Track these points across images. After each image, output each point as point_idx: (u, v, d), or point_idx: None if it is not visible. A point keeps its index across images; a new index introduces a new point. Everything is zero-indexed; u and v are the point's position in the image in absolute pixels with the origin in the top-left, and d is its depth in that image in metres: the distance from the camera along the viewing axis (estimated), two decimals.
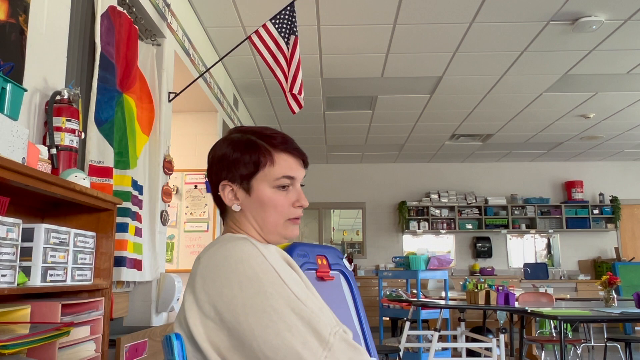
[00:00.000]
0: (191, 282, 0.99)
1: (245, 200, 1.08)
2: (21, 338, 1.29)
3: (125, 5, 2.80)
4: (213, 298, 0.92)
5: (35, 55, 1.90)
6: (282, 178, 1.08)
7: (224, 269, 0.94)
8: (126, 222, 2.54)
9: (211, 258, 0.98)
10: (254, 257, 0.94)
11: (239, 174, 1.07)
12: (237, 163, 1.07)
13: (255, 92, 5.80)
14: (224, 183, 1.09)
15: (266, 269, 0.93)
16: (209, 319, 0.92)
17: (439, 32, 4.31)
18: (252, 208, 1.08)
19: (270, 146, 1.08)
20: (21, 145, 1.52)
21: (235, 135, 1.12)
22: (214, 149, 1.13)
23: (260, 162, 1.07)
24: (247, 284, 0.91)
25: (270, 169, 1.07)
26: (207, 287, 0.94)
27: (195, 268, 1.00)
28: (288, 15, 3.20)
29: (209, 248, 1.03)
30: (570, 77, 5.30)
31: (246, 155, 1.07)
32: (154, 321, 3.02)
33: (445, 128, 7.26)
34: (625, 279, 7.78)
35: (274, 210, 1.08)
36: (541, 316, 3.71)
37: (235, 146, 1.09)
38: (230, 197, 1.09)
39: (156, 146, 3.04)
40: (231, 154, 1.08)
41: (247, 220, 1.09)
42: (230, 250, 0.96)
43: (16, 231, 1.41)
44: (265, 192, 1.07)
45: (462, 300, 5.11)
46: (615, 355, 5.85)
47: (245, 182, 1.08)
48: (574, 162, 9.35)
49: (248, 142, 1.09)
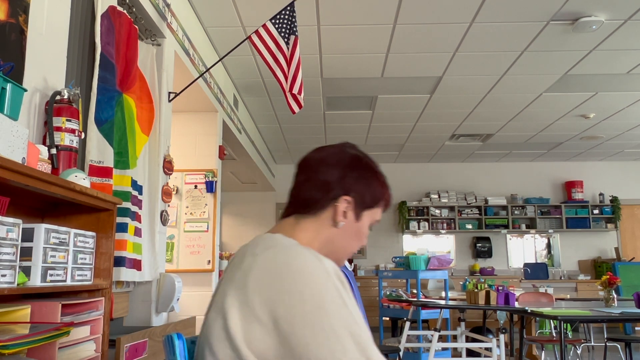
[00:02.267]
0: (241, 279, 0.93)
1: (349, 223, 1.11)
2: (21, 338, 1.29)
3: (125, 5, 2.80)
4: (270, 303, 0.88)
5: (35, 55, 1.90)
6: (377, 221, 1.18)
7: (287, 276, 0.90)
8: (126, 222, 2.54)
9: (272, 261, 0.93)
10: (318, 271, 0.91)
11: (362, 199, 1.11)
12: (367, 190, 1.12)
13: (255, 92, 5.80)
14: (347, 198, 1.10)
15: (329, 286, 0.90)
16: (257, 322, 0.88)
17: (439, 32, 4.31)
18: (347, 233, 1.12)
19: (388, 189, 1.17)
20: (21, 145, 1.52)
21: (364, 157, 1.15)
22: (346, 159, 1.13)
23: (380, 201, 1.15)
24: (309, 296, 0.88)
25: (377, 210, 1.16)
26: (264, 291, 0.90)
27: (248, 265, 0.95)
28: (288, 15, 3.20)
29: (267, 248, 0.98)
30: (570, 77, 5.30)
31: (376, 189, 1.13)
32: (154, 321, 3.02)
33: (445, 128, 7.26)
34: (625, 279, 7.79)
35: (358, 244, 1.14)
36: (541, 316, 3.71)
37: (372, 175, 1.14)
38: (342, 213, 1.10)
39: (156, 146, 3.04)
40: (367, 179, 1.13)
41: (327, 237, 1.11)
42: (294, 258, 0.93)
43: (16, 231, 1.41)
44: (365, 226, 1.14)
45: (462, 300, 5.11)
46: (615, 355, 5.85)
47: (360, 209, 1.12)
48: (574, 162, 9.35)
49: (381, 178, 1.15)
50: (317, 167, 1.12)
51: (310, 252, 0.95)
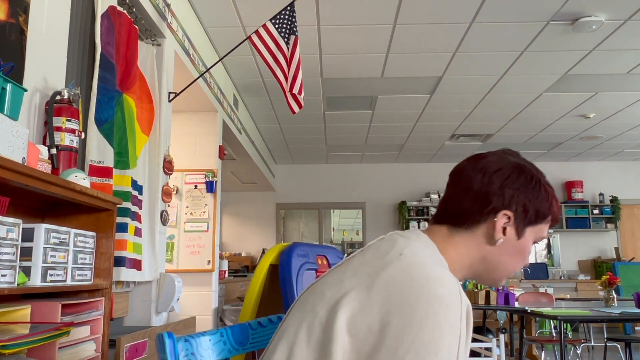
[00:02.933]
0: (375, 268, 0.88)
1: (509, 240, 1.00)
2: (21, 338, 1.29)
3: (125, 5, 2.80)
4: (390, 307, 0.82)
5: (35, 55, 1.90)
6: (543, 238, 1.05)
7: (421, 295, 0.82)
8: (126, 222, 2.54)
9: (414, 271, 0.86)
10: (454, 307, 0.83)
11: (525, 214, 0.99)
12: (531, 205, 1.00)
13: (255, 92, 5.80)
14: (507, 213, 0.98)
15: (455, 327, 0.82)
16: (369, 316, 0.83)
17: (439, 32, 4.31)
18: (508, 250, 1.00)
19: (556, 203, 1.04)
20: (21, 145, 1.52)
21: (530, 168, 1.03)
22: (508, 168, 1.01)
23: (546, 216, 1.02)
24: (430, 327, 0.80)
25: (545, 226, 1.03)
26: (393, 292, 0.83)
27: (391, 259, 0.89)
28: (288, 16, 3.20)
29: (415, 254, 0.91)
30: (570, 77, 5.30)
31: (542, 204, 1.01)
32: (154, 321, 3.02)
33: (445, 128, 7.26)
34: (625, 279, 7.78)
35: (522, 262, 1.03)
36: (541, 316, 3.71)
37: (537, 188, 1.01)
38: (500, 229, 0.98)
39: (156, 146, 3.04)
40: (530, 192, 1.00)
41: (483, 254, 1.01)
42: (436, 279, 0.85)
43: (16, 231, 1.41)
44: (529, 243, 1.02)
45: None
46: (615, 355, 5.85)
47: (523, 225, 1.00)
48: (574, 162, 9.35)
49: (546, 191, 1.02)
50: (474, 176, 1.01)
51: (455, 281, 0.87)
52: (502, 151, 1.06)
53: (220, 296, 5.09)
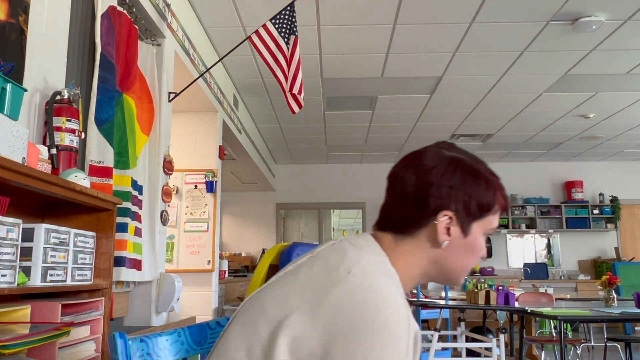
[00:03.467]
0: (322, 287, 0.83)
1: (456, 239, 0.94)
2: (21, 338, 1.29)
3: (125, 5, 2.80)
4: (333, 334, 0.78)
5: (35, 55, 1.90)
6: (493, 229, 0.99)
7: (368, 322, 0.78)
8: (126, 222, 2.54)
9: (363, 295, 0.80)
10: (400, 338, 0.78)
11: (467, 211, 0.94)
12: (472, 200, 0.94)
13: (255, 92, 5.80)
14: (447, 214, 0.93)
15: (399, 354, 0.78)
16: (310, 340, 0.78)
17: (439, 32, 4.31)
18: (457, 250, 0.95)
19: (501, 191, 0.99)
20: (21, 145, 1.52)
21: (465, 159, 0.98)
22: (440, 165, 0.96)
23: (491, 207, 0.96)
24: (374, 355, 0.76)
25: (493, 217, 0.98)
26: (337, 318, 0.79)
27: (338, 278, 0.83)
28: (288, 16, 3.20)
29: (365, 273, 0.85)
30: (570, 77, 5.30)
31: (483, 196, 0.95)
32: (154, 321, 3.02)
33: (445, 128, 7.26)
34: (625, 279, 7.78)
35: (475, 258, 0.97)
36: (541, 316, 3.71)
37: (474, 180, 0.95)
38: (444, 230, 0.93)
39: (156, 146, 3.04)
40: (469, 186, 0.94)
41: (433, 258, 0.95)
42: (386, 306, 0.79)
43: (16, 231, 1.41)
44: (478, 238, 0.96)
45: (462, 300, 5.11)
46: (615, 355, 5.85)
47: (467, 222, 0.94)
48: (574, 162, 9.35)
49: (487, 180, 0.97)
50: (408, 179, 0.96)
51: (405, 307, 0.82)
52: (436, 145, 1.01)
53: (220, 296, 5.10)
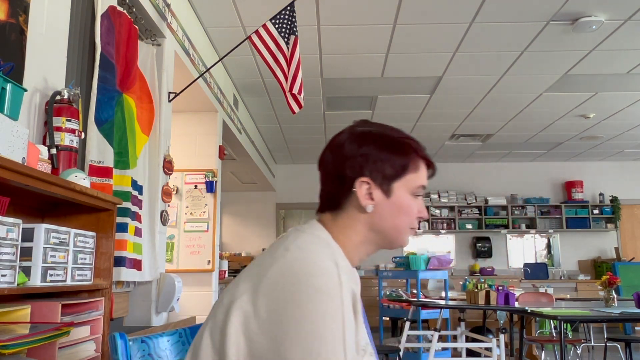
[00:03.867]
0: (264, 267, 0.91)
1: (381, 202, 1.01)
2: (21, 338, 1.29)
3: (125, 5, 2.80)
4: (274, 306, 0.86)
5: (35, 55, 1.90)
6: (420, 187, 1.04)
7: (300, 289, 0.86)
8: (126, 222, 2.54)
9: (294, 266, 0.89)
10: (332, 296, 0.86)
11: (382, 174, 1.01)
12: (384, 163, 1.01)
13: (255, 92, 5.80)
14: (363, 180, 1.00)
15: (335, 316, 0.86)
16: (257, 316, 0.86)
17: (439, 32, 4.31)
18: (385, 212, 1.01)
19: (415, 151, 1.04)
20: (21, 145, 1.52)
21: (374, 130, 1.04)
22: (351, 141, 1.03)
23: (408, 166, 1.02)
24: (311, 317, 0.84)
25: (414, 175, 1.03)
26: (275, 292, 0.87)
27: (277, 256, 0.92)
28: (288, 15, 3.20)
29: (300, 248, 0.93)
30: (570, 77, 5.30)
31: (395, 157, 1.02)
32: (154, 321, 3.02)
33: (445, 128, 7.26)
34: (625, 279, 7.78)
35: (406, 217, 1.03)
36: (541, 316, 3.71)
37: (383, 145, 1.02)
38: (365, 195, 1.00)
39: (156, 146, 3.04)
40: (378, 152, 1.01)
41: (368, 224, 1.02)
42: (315, 273, 0.88)
43: (16, 231, 1.41)
44: (404, 198, 1.02)
45: (462, 300, 5.11)
46: (615, 355, 5.85)
47: (387, 184, 1.01)
48: (574, 162, 9.35)
49: (397, 142, 1.03)
50: (329, 159, 1.05)
51: (335, 271, 0.90)
52: (350, 126, 1.07)
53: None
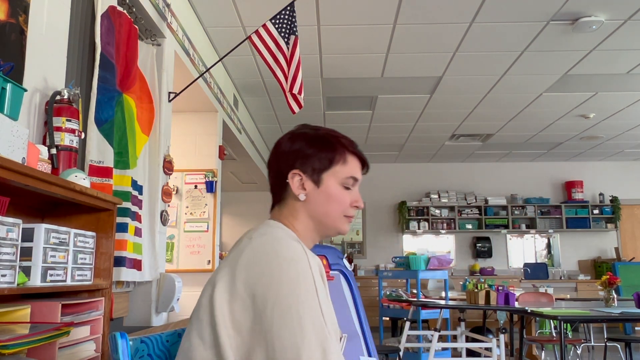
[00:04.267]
0: (235, 258, 1.02)
1: (312, 191, 1.14)
2: (21, 338, 1.29)
3: (125, 5, 2.80)
4: (252, 282, 0.96)
5: (35, 55, 1.90)
6: (349, 178, 1.17)
7: (272, 261, 0.98)
8: (126, 222, 2.54)
9: (263, 246, 1.02)
10: (301, 262, 0.99)
11: (311, 167, 1.14)
12: (312, 157, 1.15)
13: (255, 92, 5.80)
14: (295, 172, 1.14)
15: (307, 277, 0.98)
16: (239, 297, 0.96)
17: (439, 32, 4.31)
18: (317, 200, 1.15)
19: (343, 147, 1.17)
20: (21, 145, 1.52)
21: (307, 131, 1.19)
22: (287, 141, 1.18)
23: (335, 159, 1.16)
24: (286, 282, 0.95)
25: (342, 167, 1.16)
26: (250, 270, 0.98)
27: (243, 246, 1.03)
28: (288, 15, 3.20)
29: (262, 234, 1.06)
30: (570, 77, 5.30)
31: (323, 152, 1.15)
32: (154, 321, 3.02)
33: (445, 128, 7.26)
34: (625, 279, 7.77)
35: (337, 205, 1.16)
36: (541, 316, 3.71)
37: (312, 142, 1.16)
38: (298, 185, 1.14)
39: (156, 146, 3.04)
40: (307, 148, 1.15)
41: (305, 212, 1.15)
42: (282, 247, 1.01)
43: (16, 231, 1.41)
44: (333, 187, 1.15)
45: (462, 300, 5.11)
46: (615, 355, 5.85)
47: (317, 175, 1.14)
48: (574, 162, 9.35)
49: (325, 139, 1.17)
50: (270, 161, 1.20)
51: (299, 244, 1.03)
52: (290, 131, 1.21)
53: None
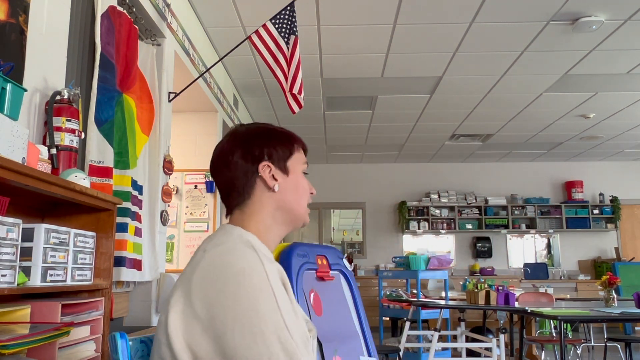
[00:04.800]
0: (188, 276, 0.96)
1: (283, 181, 1.13)
2: (21, 338, 1.29)
3: (125, 5, 2.80)
4: (208, 302, 0.91)
5: (35, 55, 1.90)
6: (305, 164, 1.19)
7: (226, 277, 0.92)
8: (126, 222, 2.54)
9: (216, 261, 0.96)
10: (256, 273, 0.93)
11: (277, 155, 1.14)
12: (275, 146, 1.14)
13: (255, 92, 5.80)
14: (265, 163, 1.12)
15: (264, 288, 0.92)
16: (196, 319, 0.91)
17: (439, 32, 4.31)
18: (287, 189, 1.13)
19: (290, 136, 1.19)
20: (21, 145, 1.52)
21: (249, 127, 1.18)
22: (238, 141, 1.15)
23: (293, 147, 1.17)
24: (243, 298, 0.90)
25: (298, 154, 1.18)
26: (205, 290, 0.92)
27: (197, 262, 0.98)
28: (288, 15, 3.20)
29: (216, 245, 1.01)
30: (570, 77, 5.30)
31: (282, 140, 1.16)
32: (154, 321, 3.02)
33: (445, 128, 7.26)
34: (625, 279, 7.77)
35: (304, 193, 1.16)
36: (541, 316, 3.71)
37: (267, 134, 1.16)
38: (270, 177, 1.12)
39: (156, 146, 3.04)
40: (267, 139, 1.15)
41: (274, 204, 1.12)
42: (237, 259, 0.95)
43: (16, 231, 1.41)
44: (298, 175, 1.16)
45: (462, 300, 5.11)
46: (615, 355, 5.85)
47: (282, 164, 1.14)
48: (574, 162, 9.35)
49: (274, 131, 1.17)
50: (224, 164, 1.13)
51: (253, 252, 0.98)
52: (230, 132, 1.19)
53: None
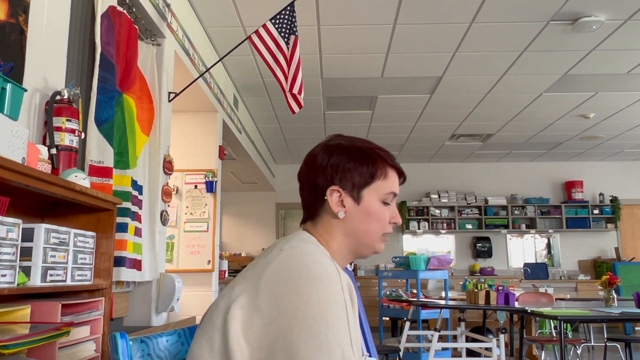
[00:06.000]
0: (261, 269, 0.94)
1: (352, 208, 1.07)
2: (21, 338, 1.29)
3: (125, 5, 2.80)
4: (278, 298, 0.89)
5: (35, 55, 1.90)
6: (389, 194, 1.10)
7: (301, 277, 0.90)
8: (126, 222, 2.54)
9: (292, 260, 0.94)
10: (332, 282, 0.91)
11: (351, 182, 1.07)
12: (352, 171, 1.07)
13: (255, 92, 5.80)
14: (334, 188, 1.07)
15: (338, 300, 0.89)
16: (260, 312, 0.88)
17: (439, 32, 4.31)
18: (356, 217, 1.08)
19: (383, 160, 1.10)
20: (21, 145, 1.52)
21: (343, 142, 1.11)
22: (322, 153, 1.10)
23: (376, 174, 1.09)
24: (315, 302, 0.88)
25: (383, 182, 1.09)
26: (277, 285, 0.90)
27: (272, 257, 0.96)
28: (288, 15, 3.20)
29: (294, 247, 0.98)
30: (570, 77, 5.30)
31: (364, 166, 1.08)
32: (154, 321, 3.02)
33: (445, 128, 7.26)
34: (625, 279, 7.78)
35: (377, 223, 1.09)
36: (541, 316, 3.71)
37: (351, 155, 1.09)
38: (336, 202, 1.07)
39: (156, 146, 3.04)
40: (347, 161, 1.08)
41: (342, 230, 1.08)
42: (314, 263, 0.92)
43: (16, 231, 1.41)
44: (374, 204, 1.08)
45: (462, 300, 5.11)
46: (615, 355, 5.85)
47: (356, 191, 1.07)
48: (574, 162, 9.35)
49: (364, 152, 1.09)
50: (304, 172, 1.12)
51: (332, 262, 0.95)
52: (325, 139, 1.14)
53: None
